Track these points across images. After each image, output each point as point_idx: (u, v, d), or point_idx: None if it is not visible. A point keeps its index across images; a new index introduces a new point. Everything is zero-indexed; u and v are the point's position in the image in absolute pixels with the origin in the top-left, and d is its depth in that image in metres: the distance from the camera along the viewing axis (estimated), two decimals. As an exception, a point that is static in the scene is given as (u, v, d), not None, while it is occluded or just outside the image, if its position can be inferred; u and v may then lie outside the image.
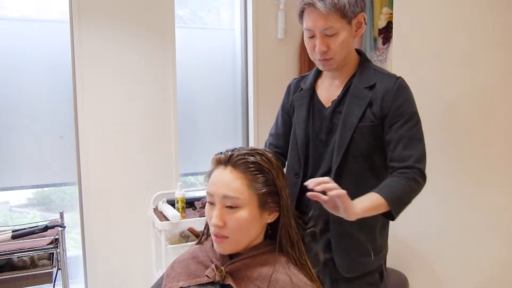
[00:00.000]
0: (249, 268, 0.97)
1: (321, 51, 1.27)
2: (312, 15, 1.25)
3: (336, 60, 1.30)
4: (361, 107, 1.30)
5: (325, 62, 1.30)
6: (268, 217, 1.00)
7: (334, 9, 1.23)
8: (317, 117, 1.38)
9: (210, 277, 0.98)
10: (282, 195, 0.99)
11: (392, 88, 1.30)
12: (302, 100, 1.41)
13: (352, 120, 1.30)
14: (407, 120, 1.30)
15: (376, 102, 1.30)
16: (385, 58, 2.55)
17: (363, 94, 1.31)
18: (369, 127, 1.30)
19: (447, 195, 2.00)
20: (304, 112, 1.40)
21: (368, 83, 1.32)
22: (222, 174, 0.97)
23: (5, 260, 1.91)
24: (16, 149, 2.40)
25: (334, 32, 1.25)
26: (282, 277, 0.95)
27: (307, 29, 1.29)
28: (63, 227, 1.98)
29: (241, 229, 0.96)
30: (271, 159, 1.00)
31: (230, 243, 0.97)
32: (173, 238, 2.32)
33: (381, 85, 1.31)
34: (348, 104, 1.32)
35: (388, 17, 2.42)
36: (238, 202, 0.95)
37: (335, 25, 1.24)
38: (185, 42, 2.71)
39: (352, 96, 1.32)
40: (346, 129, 1.30)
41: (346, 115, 1.31)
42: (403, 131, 1.28)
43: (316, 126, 1.38)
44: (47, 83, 2.44)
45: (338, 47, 1.27)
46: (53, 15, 2.45)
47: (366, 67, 1.36)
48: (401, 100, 1.30)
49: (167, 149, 2.60)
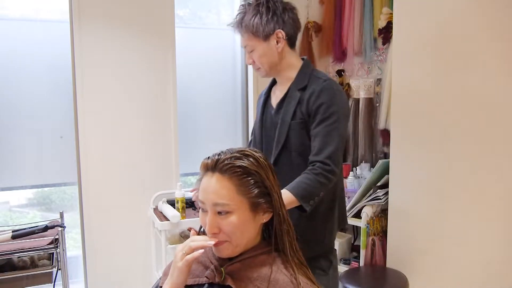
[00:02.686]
0: (249, 269, 0.97)
1: (248, 63, 1.58)
2: (237, 34, 1.56)
3: (264, 69, 1.56)
4: (293, 107, 1.51)
5: (257, 71, 1.59)
6: (263, 217, 0.99)
7: (245, 31, 1.50)
8: (268, 118, 1.63)
9: (209, 278, 0.98)
10: (273, 195, 0.98)
11: (318, 89, 1.47)
12: (259, 103, 1.70)
13: (287, 119, 1.52)
14: (327, 118, 1.44)
15: (304, 101, 1.49)
16: (385, 58, 2.55)
17: (295, 95, 1.52)
18: (300, 123, 1.49)
19: (447, 195, 2.00)
20: (259, 113, 1.67)
21: (300, 85, 1.52)
22: (210, 181, 0.96)
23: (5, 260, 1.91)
24: (16, 149, 2.40)
25: (252, 49, 1.52)
26: (281, 277, 0.95)
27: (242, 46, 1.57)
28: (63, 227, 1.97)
29: (236, 233, 0.95)
30: (258, 159, 0.98)
31: (228, 247, 0.97)
32: (173, 238, 2.32)
33: (310, 87, 1.50)
34: (285, 105, 1.54)
35: (388, 17, 2.42)
36: (229, 208, 0.94)
37: (250, 43, 1.51)
38: (185, 42, 2.71)
39: (288, 98, 1.54)
40: (283, 127, 1.53)
41: (284, 115, 1.54)
42: (321, 127, 1.44)
43: (267, 125, 1.63)
44: (47, 83, 2.44)
45: (258, 59, 1.53)
46: (53, 15, 2.45)
47: (304, 72, 1.55)
48: (324, 99, 1.45)
49: (167, 149, 2.60)
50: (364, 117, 2.66)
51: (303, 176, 1.40)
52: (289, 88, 1.55)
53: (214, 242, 0.95)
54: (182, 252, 0.94)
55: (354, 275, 2.22)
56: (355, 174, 2.53)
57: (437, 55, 1.99)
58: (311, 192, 1.38)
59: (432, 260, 2.07)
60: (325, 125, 1.43)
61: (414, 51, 2.08)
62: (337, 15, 2.79)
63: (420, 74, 2.06)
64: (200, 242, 0.94)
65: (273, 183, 0.99)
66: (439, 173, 2.01)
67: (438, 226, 2.03)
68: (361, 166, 2.58)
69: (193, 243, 0.94)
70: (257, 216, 0.98)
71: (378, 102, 2.62)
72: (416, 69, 2.08)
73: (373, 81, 2.66)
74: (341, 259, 2.51)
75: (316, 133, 1.44)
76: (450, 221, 1.99)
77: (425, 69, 2.04)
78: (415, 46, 2.08)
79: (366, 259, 2.31)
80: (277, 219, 0.99)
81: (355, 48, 2.70)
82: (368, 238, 2.31)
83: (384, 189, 2.30)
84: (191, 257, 0.93)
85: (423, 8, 2.03)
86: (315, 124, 1.45)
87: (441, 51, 1.98)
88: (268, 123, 1.63)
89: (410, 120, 2.11)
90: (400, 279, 2.12)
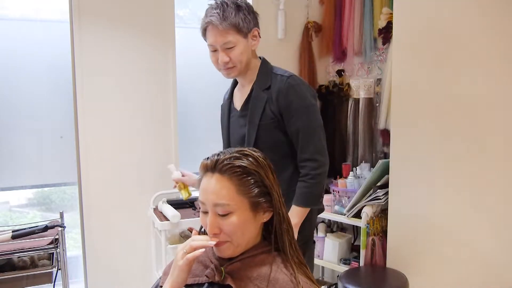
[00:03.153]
0: (248, 268, 0.97)
1: (224, 62, 1.52)
2: (213, 32, 1.50)
3: (238, 68, 1.54)
4: (260, 108, 1.54)
5: (229, 70, 1.55)
6: (263, 216, 0.99)
7: (230, 26, 1.48)
8: (233, 121, 1.66)
9: (209, 277, 0.98)
10: (273, 194, 0.98)
11: (283, 88, 1.51)
12: (224, 108, 1.73)
13: (255, 120, 1.55)
14: (301, 113, 1.50)
15: (272, 101, 1.52)
16: (385, 58, 2.55)
17: (261, 96, 1.55)
18: (271, 123, 1.53)
19: (446, 195, 2.00)
20: (225, 118, 1.70)
21: (264, 86, 1.55)
22: (210, 182, 0.96)
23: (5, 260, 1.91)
24: (16, 149, 2.40)
25: (232, 46, 1.50)
26: (281, 276, 0.96)
27: (210, 45, 1.53)
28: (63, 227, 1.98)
29: (237, 233, 0.95)
30: (258, 158, 0.98)
31: (229, 247, 0.97)
32: (173, 238, 2.31)
33: (275, 86, 1.53)
34: (251, 107, 1.56)
35: (388, 17, 2.42)
36: (229, 209, 0.94)
37: (233, 39, 1.49)
38: (185, 42, 2.71)
39: (253, 99, 1.56)
40: (251, 128, 1.56)
41: (251, 116, 1.56)
42: (299, 124, 1.51)
43: (234, 127, 1.65)
44: (47, 83, 2.44)
45: (237, 57, 1.52)
46: (53, 15, 2.45)
47: (264, 71, 1.59)
48: (292, 97, 1.51)
49: (167, 149, 2.60)
50: (364, 117, 2.66)
51: (301, 185, 1.53)
52: (252, 89, 1.58)
53: (215, 242, 0.95)
54: (183, 251, 0.94)
55: (354, 275, 2.22)
56: (355, 174, 2.53)
57: (437, 55, 1.99)
58: (315, 194, 1.54)
59: (432, 260, 2.07)
60: (302, 121, 1.51)
61: (414, 51, 2.08)
62: (337, 15, 2.79)
63: (420, 74, 2.06)
64: (201, 242, 0.94)
65: (272, 182, 0.99)
66: (439, 173, 2.01)
67: (438, 226, 2.03)
68: (361, 166, 2.58)
69: (194, 243, 0.94)
70: (257, 215, 0.98)
71: (378, 102, 2.62)
72: (416, 69, 2.08)
73: (373, 81, 2.66)
74: (341, 259, 2.51)
75: (295, 130, 1.52)
76: (450, 221, 1.99)
77: (425, 69, 2.04)
78: (415, 46, 2.08)
79: (366, 259, 2.31)
80: (277, 218, 0.99)
81: (355, 48, 2.70)
82: (368, 238, 2.31)
83: (384, 189, 2.30)
84: (192, 256, 0.93)
85: (423, 8, 2.03)
86: (292, 122, 1.51)
87: (441, 51, 1.98)
88: (234, 126, 1.65)
89: (410, 120, 2.11)
90: (400, 279, 2.12)
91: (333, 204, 2.53)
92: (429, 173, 2.05)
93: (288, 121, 1.52)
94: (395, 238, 2.22)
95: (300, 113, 1.51)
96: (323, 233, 2.63)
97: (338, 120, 2.85)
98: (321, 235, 2.62)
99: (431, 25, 2.01)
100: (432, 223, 2.06)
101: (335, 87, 2.86)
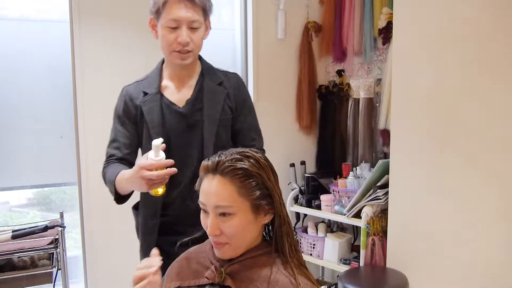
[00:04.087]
0: (249, 270, 0.97)
1: (186, 42, 1.34)
2: (181, 4, 1.32)
3: (194, 54, 1.39)
4: (220, 102, 1.43)
5: (185, 55, 1.37)
6: (264, 218, 0.99)
7: (201, 5, 1.35)
8: (173, 118, 1.41)
9: (209, 278, 0.98)
10: (274, 196, 0.98)
11: (238, 84, 1.50)
12: (153, 104, 1.42)
13: (215, 115, 1.42)
14: (250, 111, 1.52)
15: (230, 97, 1.46)
16: (385, 58, 2.55)
17: (218, 90, 1.44)
18: (228, 119, 1.46)
19: (447, 195, 2.00)
20: (158, 115, 1.41)
21: (217, 81, 1.46)
22: (211, 183, 0.96)
23: (5, 260, 1.91)
24: (16, 149, 2.40)
25: (198, 26, 1.35)
26: (281, 278, 0.96)
27: (173, 19, 1.33)
28: (63, 227, 1.98)
29: (238, 235, 0.96)
30: (259, 160, 0.98)
31: (229, 249, 0.97)
32: (173, 238, 2.31)
33: (228, 82, 1.47)
34: (207, 101, 1.42)
35: (388, 17, 2.42)
36: (231, 210, 0.94)
37: (200, 19, 1.35)
38: (185, 42, 2.71)
39: (208, 94, 1.43)
40: (211, 124, 1.41)
41: (209, 111, 1.41)
42: (250, 120, 1.51)
43: (175, 127, 1.41)
44: (47, 83, 2.44)
45: (198, 41, 1.37)
46: (53, 15, 2.45)
47: (208, 66, 1.50)
48: (245, 94, 1.52)
49: (167, 149, 2.60)
50: (364, 117, 2.66)
51: None
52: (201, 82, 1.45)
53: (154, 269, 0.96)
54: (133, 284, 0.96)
55: (354, 275, 2.22)
56: (355, 174, 2.53)
57: (437, 55, 1.99)
58: None
59: (432, 260, 2.07)
60: (252, 117, 1.53)
61: (414, 51, 2.08)
62: (337, 15, 2.79)
63: (420, 74, 2.06)
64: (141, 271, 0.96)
65: (274, 184, 0.99)
66: (439, 173, 2.01)
67: (438, 226, 2.03)
68: (361, 166, 2.58)
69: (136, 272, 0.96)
70: (258, 217, 0.98)
71: (378, 102, 2.62)
72: (416, 69, 2.08)
73: (373, 81, 2.66)
74: (341, 259, 2.51)
75: (248, 126, 1.51)
76: (451, 221, 1.99)
77: (425, 69, 2.04)
78: (415, 46, 2.08)
79: (366, 259, 2.31)
80: (278, 220, 0.99)
81: (355, 48, 2.70)
82: (368, 238, 2.31)
83: (384, 189, 2.30)
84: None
85: (423, 8, 2.03)
86: (244, 117, 1.50)
87: (441, 51, 1.98)
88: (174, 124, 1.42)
89: (410, 120, 2.11)
90: (400, 279, 2.12)
91: (333, 204, 2.53)
92: (429, 173, 2.05)
93: (241, 117, 1.49)
94: (395, 238, 2.22)
95: (252, 110, 1.53)
96: (323, 233, 2.63)
97: (338, 120, 2.85)
98: (321, 235, 2.62)
99: (431, 25, 2.01)
100: (432, 223, 2.06)
101: (335, 87, 2.86)
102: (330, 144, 2.90)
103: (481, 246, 1.90)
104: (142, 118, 1.43)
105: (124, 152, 1.45)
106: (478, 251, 1.91)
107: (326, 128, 2.93)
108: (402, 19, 2.13)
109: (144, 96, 1.44)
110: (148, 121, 1.41)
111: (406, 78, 2.13)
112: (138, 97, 1.44)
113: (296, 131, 2.97)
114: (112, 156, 1.46)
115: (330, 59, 2.94)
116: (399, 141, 2.17)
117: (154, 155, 1.17)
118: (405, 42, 2.12)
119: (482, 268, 1.90)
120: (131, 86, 1.49)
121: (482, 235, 1.89)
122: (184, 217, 1.44)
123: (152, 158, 1.17)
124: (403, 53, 2.13)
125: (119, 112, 1.48)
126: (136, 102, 1.44)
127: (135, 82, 1.51)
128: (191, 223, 1.26)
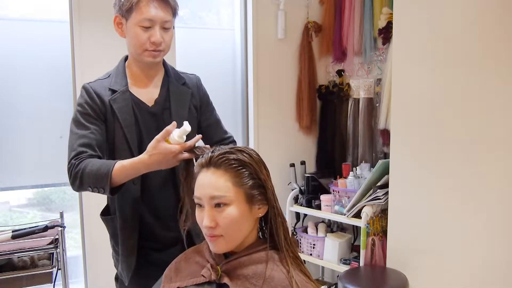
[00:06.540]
0: (244, 267, 0.98)
1: (160, 42, 1.35)
2: (155, 4, 1.33)
3: (165, 53, 1.41)
4: (187, 102, 1.47)
5: (156, 53, 1.37)
6: (258, 211, 1.00)
7: (173, 5, 1.37)
8: (145, 117, 1.41)
9: (206, 276, 0.99)
10: (267, 187, 1.00)
11: (198, 83, 1.55)
12: (124, 102, 1.39)
13: (183, 115, 1.43)
14: (213, 108, 1.60)
15: (194, 96, 1.51)
16: (385, 58, 2.55)
17: (183, 90, 1.48)
18: (195, 118, 1.50)
19: (446, 195, 2.00)
20: (130, 114, 1.39)
21: (181, 81, 1.49)
22: (206, 175, 0.98)
23: (5, 260, 1.91)
24: (16, 149, 2.40)
25: (170, 26, 1.38)
26: (277, 274, 0.96)
27: (147, 19, 1.33)
28: (63, 227, 1.98)
29: (233, 226, 0.96)
30: (251, 154, 1.01)
31: (224, 242, 0.97)
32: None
33: (190, 82, 1.52)
34: (174, 101, 1.45)
35: (388, 17, 2.42)
36: (226, 200, 0.95)
37: (171, 19, 1.38)
38: (185, 42, 2.71)
39: (175, 94, 1.45)
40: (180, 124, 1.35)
41: (177, 111, 1.44)
42: (215, 116, 1.60)
43: (147, 126, 1.41)
44: (47, 83, 2.44)
45: (169, 42, 1.39)
46: (53, 15, 2.45)
47: (171, 67, 1.51)
48: (206, 92, 1.58)
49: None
50: (364, 117, 2.66)
51: None
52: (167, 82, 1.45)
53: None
54: None
55: (354, 275, 2.22)
56: (355, 174, 2.53)
57: (437, 55, 1.99)
58: None
59: (432, 260, 2.07)
60: (215, 112, 1.60)
61: (414, 51, 2.08)
62: (337, 15, 2.79)
63: (420, 74, 2.06)
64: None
65: (266, 177, 1.01)
66: (439, 173, 2.01)
67: (438, 226, 2.03)
68: (361, 166, 2.58)
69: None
70: (253, 209, 0.99)
71: (378, 102, 2.62)
72: (416, 69, 2.08)
73: (373, 81, 2.66)
74: (341, 259, 2.51)
75: (216, 120, 1.59)
76: (450, 221, 1.99)
77: (425, 69, 2.04)
78: (415, 46, 2.08)
79: (366, 259, 2.31)
80: (272, 212, 1.01)
81: (355, 48, 2.70)
82: (368, 238, 2.31)
83: (384, 189, 2.30)
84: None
85: (423, 8, 2.03)
86: (210, 113, 1.58)
87: (441, 51, 1.98)
88: (147, 123, 1.41)
89: (410, 120, 2.11)
90: (400, 279, 2.12)
91: (333, 204, 2.53)
92: (429, 173, 2.05)
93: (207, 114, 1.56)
94: (395, 238, 2.22)
95: (213, 107, 1.61)
96: (323, 233, 2.63)
97: (338, 120, 2.85)
98: (321, 235, 2.62)
99: (431, 25, 2.01)
100: (432, 223, 2.06)
101: (335, 87, 2.86)
102: (330, 144, 2.90)
103: (481, 246, 1.90)
104: (114, 115, 1.38)
105: (96, 149, 1.39)
106: (478, 251, 1.91)
107: (326, 128, 2.93)
108: (402, 19, 2.13)
109: (113, 93, 1.39)
110: (122, 120, 1.38)
111: (406, 78, 2.13)
112: (105, 94, 1.39)
113: (296, 131, 2.97)
114: (83, 153, 1.40)
115: (330, 59, 2.94)
116: (399, 141, 2.17)
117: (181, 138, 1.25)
118: (405, 42, 2.12)
119: (482, 268, 1.90)
120: (94, 83, 1.43)
121: (482, 235, 1.89)
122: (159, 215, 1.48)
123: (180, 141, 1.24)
124: (403, 53, 2.13)
125: (85, 109, 1.40)
126: (104, 98, 1.38)
127: (97, 80, 1.46)
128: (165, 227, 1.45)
